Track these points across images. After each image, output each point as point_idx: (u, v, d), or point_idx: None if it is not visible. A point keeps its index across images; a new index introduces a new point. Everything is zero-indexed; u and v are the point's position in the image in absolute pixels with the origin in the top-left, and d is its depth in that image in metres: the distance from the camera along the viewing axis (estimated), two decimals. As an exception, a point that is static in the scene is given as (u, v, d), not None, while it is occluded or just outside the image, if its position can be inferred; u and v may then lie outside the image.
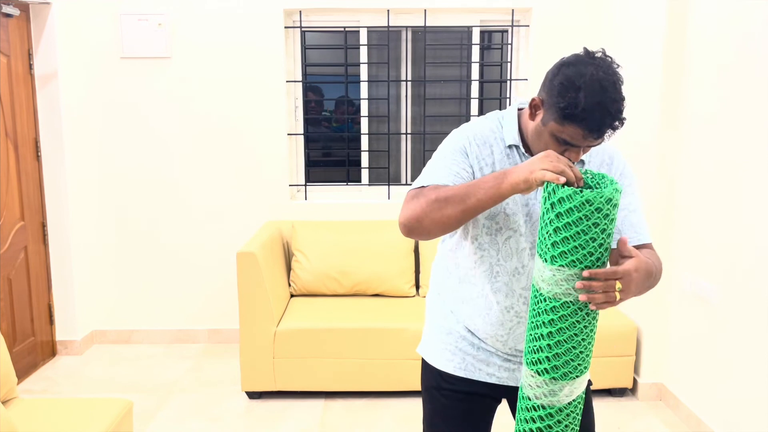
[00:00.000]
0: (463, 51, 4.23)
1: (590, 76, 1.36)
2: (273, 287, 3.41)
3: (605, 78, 1.35)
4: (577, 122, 1.36)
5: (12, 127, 3.54)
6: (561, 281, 1.29)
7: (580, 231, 1.25)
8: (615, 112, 1.34)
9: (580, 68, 1.40)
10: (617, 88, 1.35)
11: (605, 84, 1.34)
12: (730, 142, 2.77)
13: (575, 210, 1.25)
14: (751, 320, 2.63)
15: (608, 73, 1.37)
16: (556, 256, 1.28)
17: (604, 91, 1.34)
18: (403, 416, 3.23)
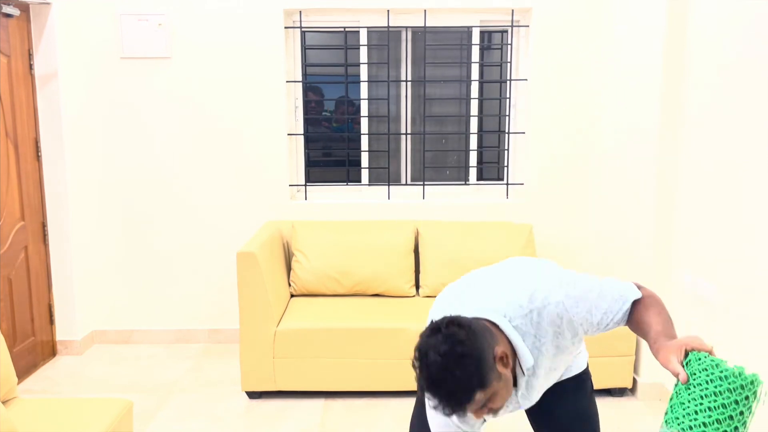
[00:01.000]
0: (463, 51, 4.23)
1: (421, 360, 1.35)
2: (273, 287, 3.41)
3: (433, 363, 1.32)
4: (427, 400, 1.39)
5: (12, 127, 3.54)
6: None
7: (723, 404, 1.22)
8: (446, 394, 1.32)
9: (418, 347, 1.37)
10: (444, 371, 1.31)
11: (431, 369, 1.32)
12: (730, 142, 2.77)
13: (723, 380, 1.23)
14: (751, 320, 2.63)
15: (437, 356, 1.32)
16: (695, 426, 1.24)
17: (431, 379, 1.33)
18: (403, 416, 3.22)
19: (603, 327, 1.53)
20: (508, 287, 1.55)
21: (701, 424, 1.22)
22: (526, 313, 1.50)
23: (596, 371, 3.28)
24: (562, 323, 1.51)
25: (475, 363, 1.32)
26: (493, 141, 4.39)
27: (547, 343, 1.54)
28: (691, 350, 1.29)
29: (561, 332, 1.53)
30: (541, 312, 1.51)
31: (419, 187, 4.22)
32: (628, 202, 3.57)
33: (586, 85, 4.00)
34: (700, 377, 1.25)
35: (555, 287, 1.53)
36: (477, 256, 3.69)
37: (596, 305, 1.51)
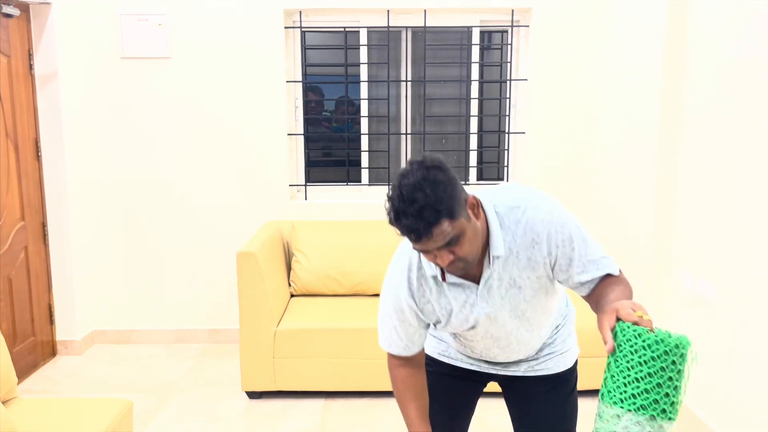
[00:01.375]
0: (463, 51, 4.23)
1: (394, 187, 1.40)
2: (273, 287, 3.41)
3: (406, 184, 1.36)
4: (397, 230, 1.42)
5: (12, 127, 3.54)
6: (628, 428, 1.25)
7: (649, 373, 1.23)
8: (415, 212, 1.34)
9: (394, 180, 1.42)
10: (416, 189, 1.34)
11: (403, 190, 1.36)
12: (730, 142, 2.77)
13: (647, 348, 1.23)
14: (751, 320, 2.63)
15: (412, 178, 1.36)
16: (625, 398, 1.25)
17: (401, 198, 1.37)
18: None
19: (574, 269, 1.51)
20: (505, 188, 1.60)
21: (631, 395, 1.24)
22: (514, 207, 1.51)
23: (595, 371, 3.28)
24: (541, 233, 1.50)
25: (448, 190, 1.34)
26: (493, 141, 4.39)
27: (521, 247, 1.51)
28: (619, 319, 1.29)
29: (538, 243, 1.51)
30: (527, 212, 1.50)
31: (419, 187, 4.21)
32: (628, 202, 3.57)
33: (586, 85, 4.00)
34: (625, 348, 1.26)
35: (550, 205, 1.54)
36: (477, 256, 3.69)
37: (579, 241, 1.51)
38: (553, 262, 1.53)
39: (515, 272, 1.54)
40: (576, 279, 1.52)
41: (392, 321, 1.63)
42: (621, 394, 1.25)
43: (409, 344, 1.65)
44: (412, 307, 1.59)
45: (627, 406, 1.24)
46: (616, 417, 1.25)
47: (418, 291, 1.58)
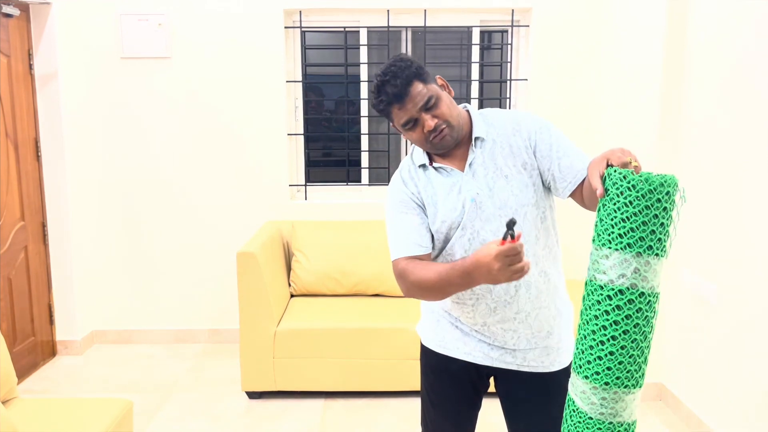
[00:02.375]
0: (463, 51, 4.23)
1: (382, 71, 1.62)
2: (273, 287, 3.41)
3: (382, 68, 1.62)
4: (383, 108, 1.62)
5: (12, 127, 3.54)
6: (616, 266, 1.29)
7: (634, 213, 1.26)
8: (391, 78, 1.57)
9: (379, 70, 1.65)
10: (390, 66, 1.59)
11: (379, 72, 1.61)
12: (730, 143, 2.77)
13: (632, 189, 1.26)
14: (751, 320, 2.63)
15: (389, 62, 1.62)
16: (612, 239, 1.29)
17: (379, 77, 1.61)
18: (403, 416, 3.23)
19: (554, 152, 1.62)
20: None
21: (617, 236, 1.28)
22: (496, 108, 1.75)
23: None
24: (520, 122, 1.67)
25: (414, 64, 1.61)
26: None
27: (503, 136, 1.66)
28: (610, 165, 1.33)
29: (518, 130, 1.66)
30: (506, 111, 1.73)
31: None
32: (628, 202, 3.56)
33: (586, 85, 4.00)
34: (611, 192, 1.29)
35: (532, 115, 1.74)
36: (477, 256, 3.69)
37: (557, 132, 1.66)
38: (533, 147, 1.64)
39: (500, 160, 1.65)
40: (558, 165, 1.61)
41: (397, 216, 1.74)
42: (609, 236, 1.29)
43: (417, 239, 1.69)
44: (408, 195, 1.71)
45: (614, 246, 1.28)
46: (605, 257, 1.30)
47: (410, 181, 1.72)
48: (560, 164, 1.60)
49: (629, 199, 1.26)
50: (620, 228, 1.27)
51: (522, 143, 1.64)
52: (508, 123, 1.67)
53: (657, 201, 1.26)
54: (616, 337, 1.30)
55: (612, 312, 1.30)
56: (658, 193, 1.26)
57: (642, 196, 1.26)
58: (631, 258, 1.27)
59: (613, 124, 3.78)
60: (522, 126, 1.66)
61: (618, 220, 1.27)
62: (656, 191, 1.25)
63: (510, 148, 1.64)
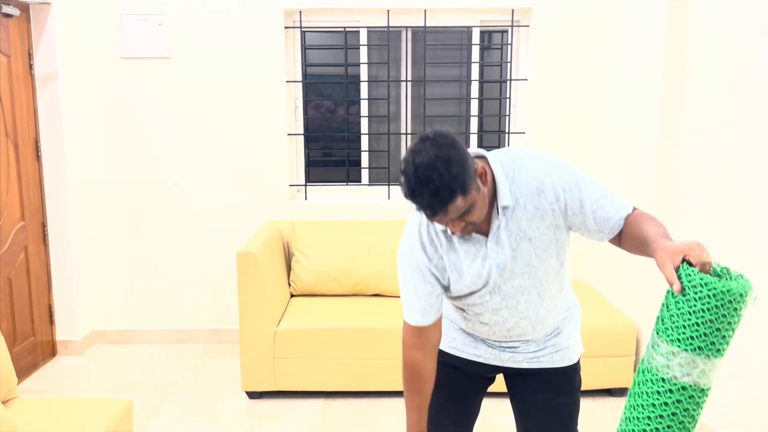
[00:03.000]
0: (463, 51, 4.23)
1: (408, 163, 1.43)
2: (273, 287, 3.41)
3: (420, 163, 1.40)
4: (413, 204, 1.46)
5: (12, 127, 3.54)
6: (683, 365, 1.29)
7: (710, 319, 1.26)
8: (431, 191, 1.39)
9: (405, 155, 1.46)
10: (431, 169, 1.39)
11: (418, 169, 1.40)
12: (730, 142, 2.77)
13: (711, 297, 1.26)
14: (751, 320, 2.63)
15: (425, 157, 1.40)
16: (683, 339, 1.29)
17: (417, 177, 1.40)
18: (403, 416, 3.21)
19: (587, 209, 1.56)
20: (506, 149, 1.68)
21: (689, 337, 1.28)
22: (515, 159, 1.59)
23: (596, 371, 3.30)
24: (545, 180, 1.56)
25: (461, 167, 1.41)
26: (493, 141, 4.39)
27: (527, 197, 1.57)
28: (687, 260, 1.30)
29: (543, 190, 1.56)
30: (530, 162, 1.58)
31: (419, 187, 4.21)
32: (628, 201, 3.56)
33: (586, 85, 4.00)
34: (689, 293, 1.28)
35: (550, 156, 1.63)
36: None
37: (585, 182, 1.58)
38: (563, 208, 1.57)
39: (524, 223, 1.58)
40: (593, 219, 1.56)
41: (410, 281, 1.65)
42: (679, 335, 1.29)
43: (426, 307, 1.65)
44: (426, 264, 1.63)
45: (684, 346, 1.28)
46: (672, 354, 1.30)
47: (430, 246, 1.62)
48: (595, 218, 1.57)
49: (707, 306, 1.26)
50: (693, 330, 1.27)
51: (548, 206, 1.56)
52: (532, 182, 1.56)
53: (734, 309, 1.27)
54: (672, 426, 1.32)
55: (671, 405, 1.31)
56: (736, 303, 1.26)
57: (721, 306, 1.26)
58: (699, 360, 1.28)
59: (613, 124, 3.78)
60: (547, 185, 1.56)
61: (692, 323, 1.27)
62: (735, 301, 1.26)
63: (535, 210, 1.57)
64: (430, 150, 1.40)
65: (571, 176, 1.57)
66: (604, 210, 1.56)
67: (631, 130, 3.52)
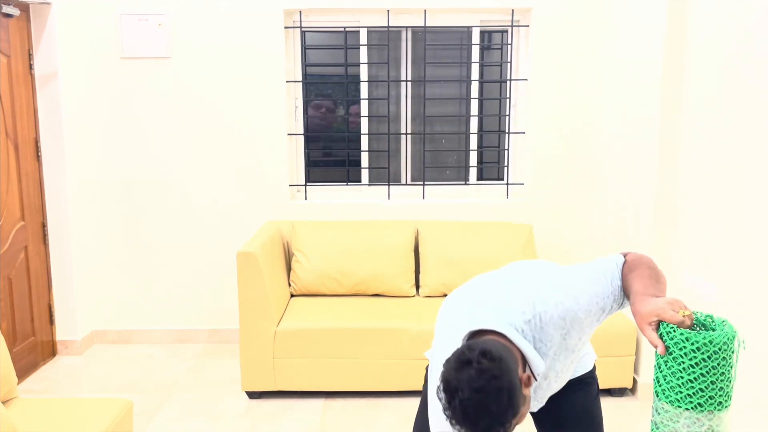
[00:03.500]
0: (463, 51, 4.23)
1: (455, 393, 1.31)
2: (273, 287, 3.41)
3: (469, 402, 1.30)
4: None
5: (12, 127, 3.54)
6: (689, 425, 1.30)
7: (702, 374, 1.27)
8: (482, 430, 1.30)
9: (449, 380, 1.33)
10: (482, 408, 1.30)
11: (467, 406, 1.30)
12: (730, 142, 2.77)
13: (697, 351, 1.26)
14: (751, 320, 2.63)
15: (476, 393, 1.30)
16: (681, 398, 1.29)
17: (465, 414, 1.30)
18: (403, 416, 3.23)
19: (608, 310, 1.54)
20: (511, 296, 1.56)
21: (686, 396, 1.29)
22: (529, 319, 1.52)
23: (597, 371, 3.30)
24: (566, 323, 1.52)
25: (510, 396, 1.31)
26: (493, 141, 4.39)
27: (554, 347, 1.55)
28: (662, 321, 1.30)
29: (567, 333, 1.54)
30: (543, 317, 1.52)
31: (419, 187, 4.22)
32: (628, 201, 3.57)
33: (586, 84, 4.00)
34: (674, 351, 1.29)
35: (553, 289, 1.54)
36: (477, 256, 3.69)
37: (594, 293, 1.52)
38: (590, 329, 1.58)
39: (558, 364, 1.60)
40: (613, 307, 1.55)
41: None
42: (677, 395, 1.30)
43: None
44: None
45: (685, 405, 1.29)
46: (676, 416, 1.31)
47: None
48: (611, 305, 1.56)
49: (695, 360, 1.27)
50: (688, 388, 1.28)
51: (576, 340, 1.58)
52: (555, 331, 1.53)
53: (723, 359, 1.27)
54: None
55: None
56: (723, 352, 1.27)
57: (708, 358, 1.26)
58: (703, 417, 1.29)
59: (613, 124, 3.78)
60: (568, 329, 1.54)
61: (685, 381, 1.28)
62: (721, 350, 1.26)
63: (565, 349, 1.58)
64: (475, 382, 1.29)
65: (585, 306, 1.52)
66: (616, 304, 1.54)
67: (631, 129, 3.52)
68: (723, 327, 1.32)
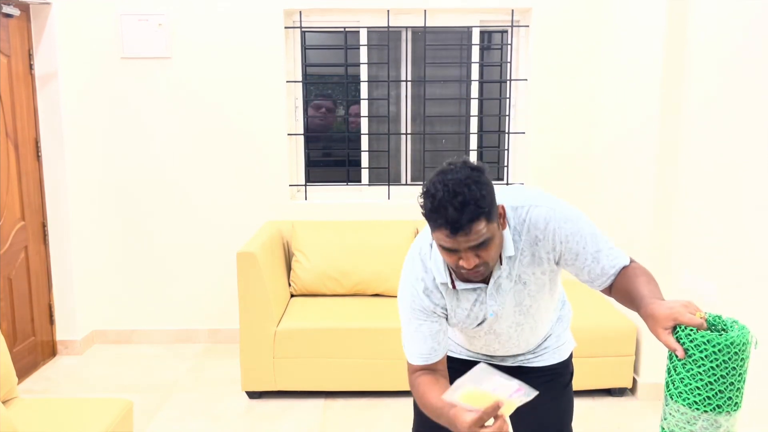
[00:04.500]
0: (463, 51, 4.23)
1: (436, 180, 1.41)
2: (273, 287, 3.41)
3: (452, 179, 1.38)
4: (433, 222, 1.41)
5: (12, 127, 3.54)
6: (706, 427, 1.30)
7: (723, 375, 1.27)
8: (459, 204, 1.36)
9: (433, 176, 1.44)
10: (462, 185, 1.37)
11: (448, 183, 1.38)
12: (730, 142, 2.77)
13: (718, 353, 1.26)
14: (750, 320, 2.63)
15: (458, 174, 1.39)
16: (700, 401, 1.29)
17: (446, 189, 1.38)
18: (403, 416, 3.22)
19: (581, 262, 1.54)
20: (510, 189, 1.63)
21: (705, 398, 1.28)
22: (517, 206, 1.56)
23: (596, 371, 3.31)
24: (545, 229, 1.54)
25: (490, 193, 1.40)
26: (493, 141, 4.39)
27: (525, 245, 1.56)
28: (680, 324, 1.30)
29: (542, 239, 1.55)
30: (530, 211, 1.55)
31: (419, 187, 4.21)
32: (627, 201, 3.57)
33: (586, 84, 4.00)
34: (694, 353, 1.28)
35: (552, 201, 1.58)
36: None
37: (585, 235, 1.54)
38: (557, 258, 1.57)
39: (521, 269, 1.57)
40: (586, 271, 1.55)
41: (415, 321, 1.63)
42: (695, 397, 1.29)
43: (434, 346, 1.63)
44: (432, 308, 1.61)
45: (703, 408, 1.29)
46: (693, 419, 1.30)
47: (435, 292, 1.60)
48: (590, 271, 1.56)
49: (716, 363, 1.27)
50: (708, 390, 1.28)
51: (545, 255, 1.56)
52: (532, 230, 1.55)
53: (741, 360, 1.28)
54: None
55: None
56: (741, 352, 1.27)
57: (729, 359, 1.26)
58: (721, 419, 1.29)
59: (613, 124, 3.78)
60: (546, 235, 1.55)
61: (705, 383, 1.28)
62: (740, 351, 1.27)
63: (532, 257, 1.57)
64: (462, 170, 1.40)
65: (571, 227, 1.54)
66: (598, 263, 1.54)
67: (631, 130, 3.52)
68: (735, 327, 1.31)
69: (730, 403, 1.28)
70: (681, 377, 1.30)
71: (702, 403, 1.28)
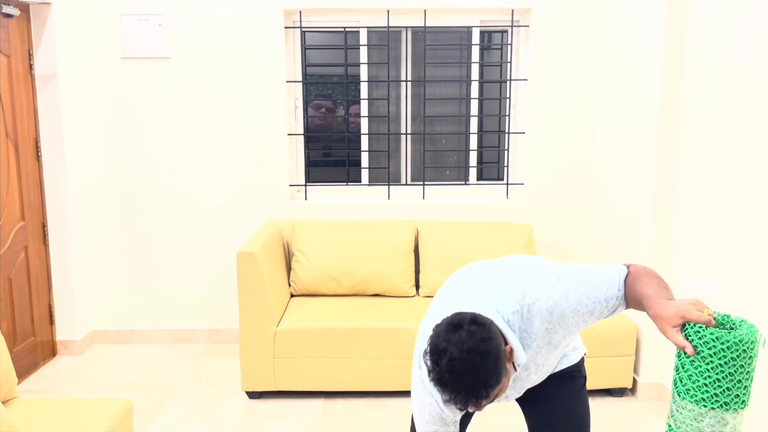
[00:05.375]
0: (463, 51, 4.23)
1: (441, 351, 1.35)
2: (273, 287, 3.41)
3: (458, 358, 1.33)
4: (440, 394, 1.38)
5: (12, 127, 3.54)
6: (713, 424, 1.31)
7: (731, 372, 1.28)
8: (468, 388, 1.33)
9: (438, 339, 1.37)
10: (468, 365, 1.33)
11: (455, 365, 1.33)
12: (730, 142, 2.77)
13: (727, 350, 1.27)
14: (750, 320, 2.63)
15: (464, 345, 1.34)
16: (708, 398, 1.30)
17: (452, 372, 1.33)
18: (403, 416, 3.23)
19: (596, 314, 1.54)
20: (503, 284, 1.57)
21: (713, 395, 1.29)
22: (517, 309, 1.53)
23: (596, 371, 3.30)
24: (552, 318, 1.53)
25: (496, 361, 1.35)
26: (493, 141, 4.39)
27: (538, 339, 1.55)
28: (688, 321, 1.31)
29: (553, 328, 1.55)
30: (531, 308, 1.53)
31: (419, 187, 4.22)
32: (628, 201, 3.57)
33: (586, 84, 4.00)
34: (703, 350, 1.29)
35: (545, 283, 1.55)
36: (477, 257, 3.67)
37: (586, 294, 1.52)
38: (574, 328, 1.58)
39: (540, 357, 1.61)
40: (605, 315, 1.55)
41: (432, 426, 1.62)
42: (703, 394, 1.30)
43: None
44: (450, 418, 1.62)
45: (711, 405, 1.29)
46: (700, 415, 1.31)
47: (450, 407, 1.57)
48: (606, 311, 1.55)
49: (724, 360, 1.27)
50: (715, 387, 1.29)
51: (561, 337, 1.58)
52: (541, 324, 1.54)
53: (749, 358, 1.28)
54: None
55: None
56: (750, 350, 1.28)
57: (737, 357, 1.27)
58: (728, 416, 1.30)
59: (613, 124, 3.78)
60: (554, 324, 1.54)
61: (713, 380, 1.29)
62: (749, 349, 1.28)
63: (549, 344, 1.59)
64: (464, 343, 1.34)
65: (574, 303, 1.52)
66: (611, 302, 1.53)
67: (632, 129, 3.52)
68: (743, 326, 1.32)
69: (738, 401, 1.29)
70: (689, 374, 1.31)
71: (709, 400, 1.29)
